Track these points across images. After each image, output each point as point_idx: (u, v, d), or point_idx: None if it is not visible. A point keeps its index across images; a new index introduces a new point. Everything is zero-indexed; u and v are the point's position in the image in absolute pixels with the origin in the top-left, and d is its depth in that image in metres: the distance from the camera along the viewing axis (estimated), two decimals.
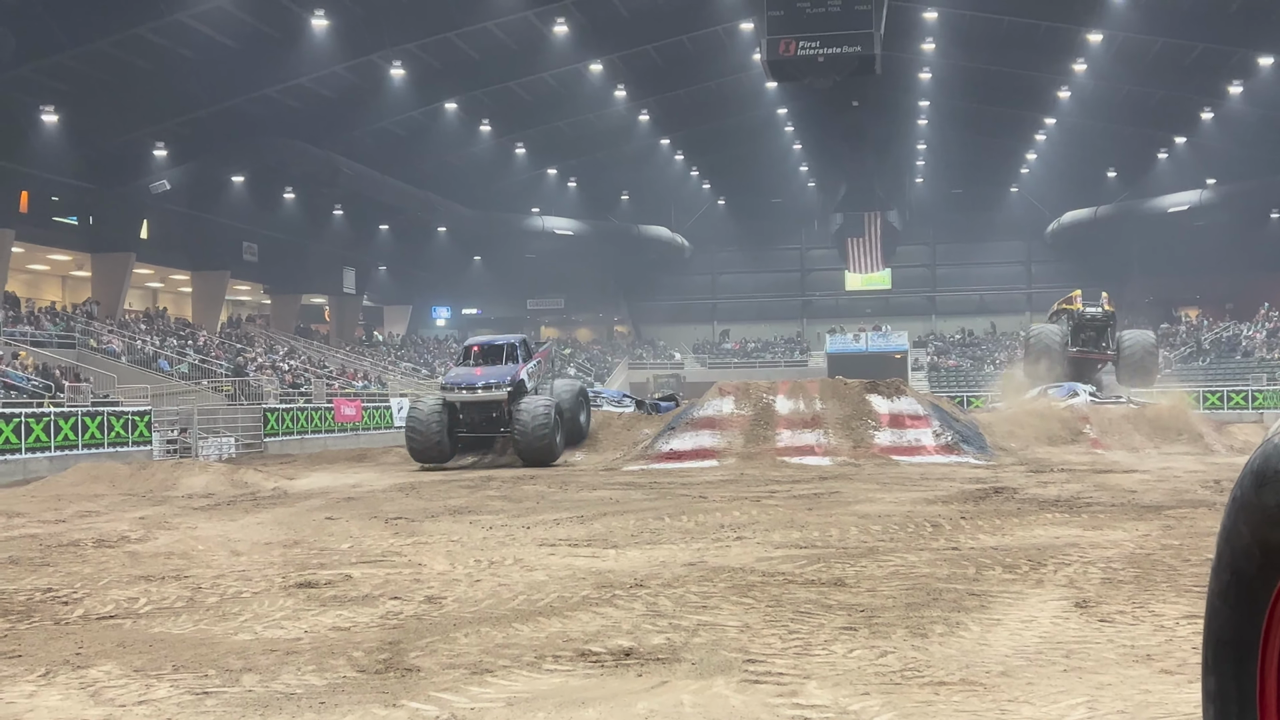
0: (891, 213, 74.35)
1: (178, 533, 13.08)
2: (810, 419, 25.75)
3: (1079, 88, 54.29)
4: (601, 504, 15.48)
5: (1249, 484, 2.03)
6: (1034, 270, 76.72)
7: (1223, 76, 49.04)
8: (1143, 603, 7.44)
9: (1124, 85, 53.34)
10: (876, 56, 38.38)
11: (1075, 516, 12.71)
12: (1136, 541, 10.50)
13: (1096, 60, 49.71)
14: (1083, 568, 8.97)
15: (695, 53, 53.29)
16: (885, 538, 11.15)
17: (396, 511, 15.13)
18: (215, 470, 22.30)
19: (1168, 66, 49.88)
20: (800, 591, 8.16)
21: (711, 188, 76.75)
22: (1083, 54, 49.30)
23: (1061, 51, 50.06)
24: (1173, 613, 7.07)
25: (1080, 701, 5.22)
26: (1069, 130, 61.12)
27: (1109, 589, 8.01)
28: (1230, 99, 50.87)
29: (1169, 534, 11.03)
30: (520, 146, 61.24)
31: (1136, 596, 7.67)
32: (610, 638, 6.79)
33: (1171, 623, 6.79)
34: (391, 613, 7.81)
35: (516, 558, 10.35)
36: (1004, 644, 6.39)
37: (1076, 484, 17.41)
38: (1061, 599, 7.67)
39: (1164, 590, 7.89)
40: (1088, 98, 55.30)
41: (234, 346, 48.58)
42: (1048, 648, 6.27)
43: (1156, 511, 13.13)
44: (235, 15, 38.74)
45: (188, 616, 7.89)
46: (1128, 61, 49.88)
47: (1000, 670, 5.80)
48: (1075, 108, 56.91)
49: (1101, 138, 61.66)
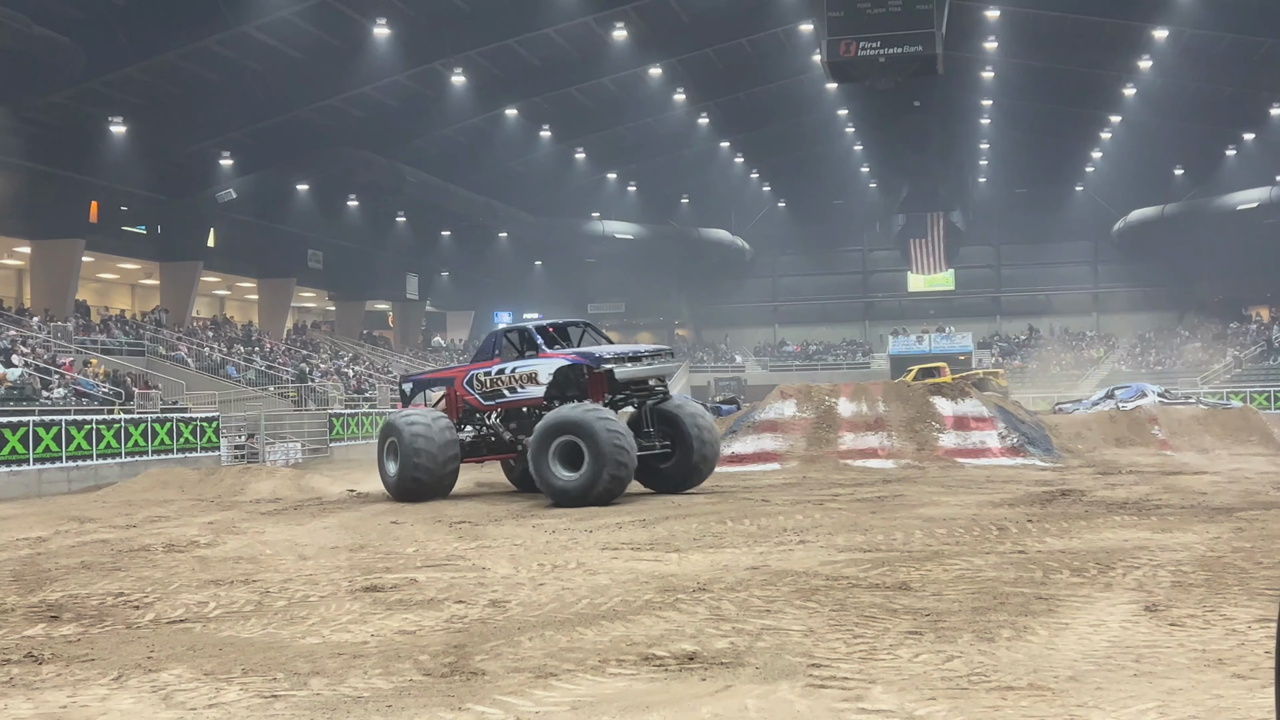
0: (954, 213, 73.72)
1: (246, 537, 13.25)
2: (873, 421, 25.58)
3: (1145, 85, 53.52)
4: (663, 508, 15.48)
5: None
6: (1100, 270, 75.76)
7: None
8: (1214, 606, 7.33)
9: (1191, 82, 52.51)
10: (938, 56, 38.05)
11: (1144, 519, 12.53)
12: (1207, 544, 10.33)
13: (1162, 57, 48.99)
14: (1152, 571, 8.84)
15: (755, 55, 53.17)
16: (950, 541, 11.06)
17: (460, 515, 15.23)
18: (282, 475, 22.58)
19: (1236, 62, 49.06)
20: (864, 595, 8.11)
21: (772, 190, 76.51)
22: (1148, 51, 48.61)
23: (1126, 48, 49.40)
24: (1245, 616, 6.96)
25: (1151, 707, 5.15)
26: (1135, 128, 60.27)
27: (1179, 592, 7.90)
28: None
29: (1240, 536, 10.85)
30: (580, 151, 61.42)
31: (1207, 600, 7.56)
32: (673, 641, 6.79)
33: (1244, 626, 6.68)
34: (456, 616, 7.86)
35: (579, 561, 10.38)
36: (1072, 648, 6.32)
37: (1145, 486, 17.17)
38: (1131, 602, 7.56)
39: (1235, 593, 7.76)
40: (1154, 95, 54.49)
41: (299, 353, 49.12)
42: (1117, 652, 6.19)
43: (1227, 513, 12.91)
44: (299, 26, 39.20)
45: (256, 620, 8.00)
46: (1195, 58, 49.12)
47: (1069, 675, 5.74)
48: (1141, 105, 56.10)
49: (1168, 135, 60.71)
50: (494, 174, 58.20)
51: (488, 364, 19.41)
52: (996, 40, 50.71)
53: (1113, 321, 74.07)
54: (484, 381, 19.22)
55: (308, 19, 38.92)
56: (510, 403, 18.98)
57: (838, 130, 65.96)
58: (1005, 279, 77.60)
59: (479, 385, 19.28)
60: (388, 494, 18.83)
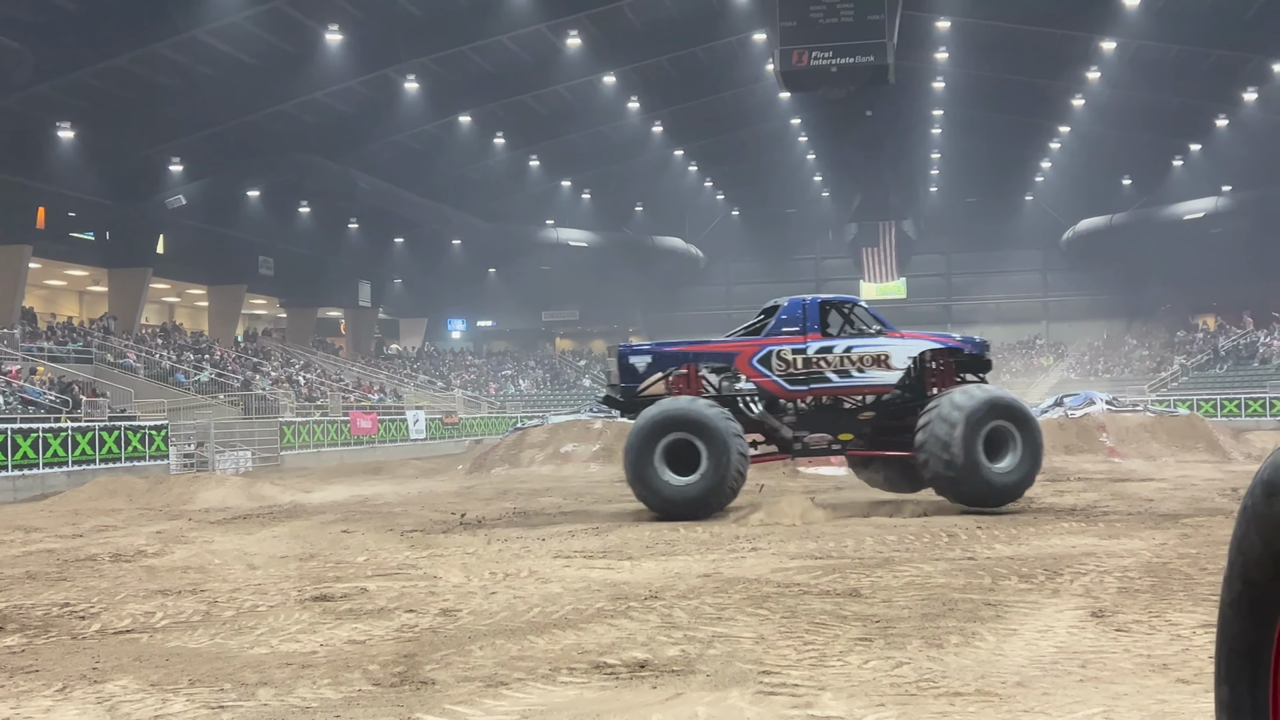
0: (906, 222, 74.29)
1: (194, 547, 13.12)
2: None
3: (1093, 96, 54.18)
4: (617, 516, 15.48)
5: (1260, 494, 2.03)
6: (1049, 279, 76.62)
7: (1237, 83, 48.92)
8: (1159, 612, 7.41)
9: (1139, 93, 53.21)
10: (890, 66, 38.35)
11: (1092, 525, 12.67)
12: (1153, 550, 10.46)
13: (1111, 68, 49.63)
14: (1099, 577, 8.94)
15: (709, 64, 53.36)
16: (901, 548, 11.12)
17: (412, 524, 15.16)
18: (232, 484, 22.36)
19: (1183, 73, 49.79)
20: (815, 602, 8.14)
21: (726, 198, 76.80)
22: (1097, 62, 49.22)
23: (1075, 60, 49.98)
24: (1189, 622, 7.04)
25: (1096, 712, 5.20)
26: (1083, 138, 61.02)
27: (1125, 598, 7.98)
28: (1245, 105, 50.74)
29: (1186, 543, 10.98)
30: (534, 159, 61.40)
31: (1153, 606, 7.65)
32: (625, 649, 6.79)
33: (1188, 632, 6.77)
34: (407, 626, 7.82)
35: (531, 570, 10.36)
36: (1020, 654, 6.37)
37: (1093, 493, 17.35)
38: (1078, 609, 7.64)
39: (1180, 599, 7.86)
40: (1102, 105, 55.19)
41: (250, 360, 48.74)
42: (1064, 658, 6.25)
43: (1173, 520, 13.08)
44: (251, 31, 38.96)
45: (204, 630, 7.92)
46: (1142, 69, 49.80)
47: (1016, 680, 5.78)
48: (1090, 116, 56.82)
49: (1116, 145, 61.53)
50: (448, 180, 58.05)
51: (794, 339, 15.95)
52: (947, 51, 51.20)
53: (1062, 329, 74.90)
54: (792, 361, 15.83)
55: (259, 24, 38.69)
56: (838, 389, 15.91)
57: (791, 139, 66.33)
58: (956, 287, 78.29)
59: (782, 365, 15.83)
60: (651, 512, 15.06)
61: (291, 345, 57.65)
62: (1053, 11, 45.47)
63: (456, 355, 72.51)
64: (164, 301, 57.40)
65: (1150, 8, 42.94)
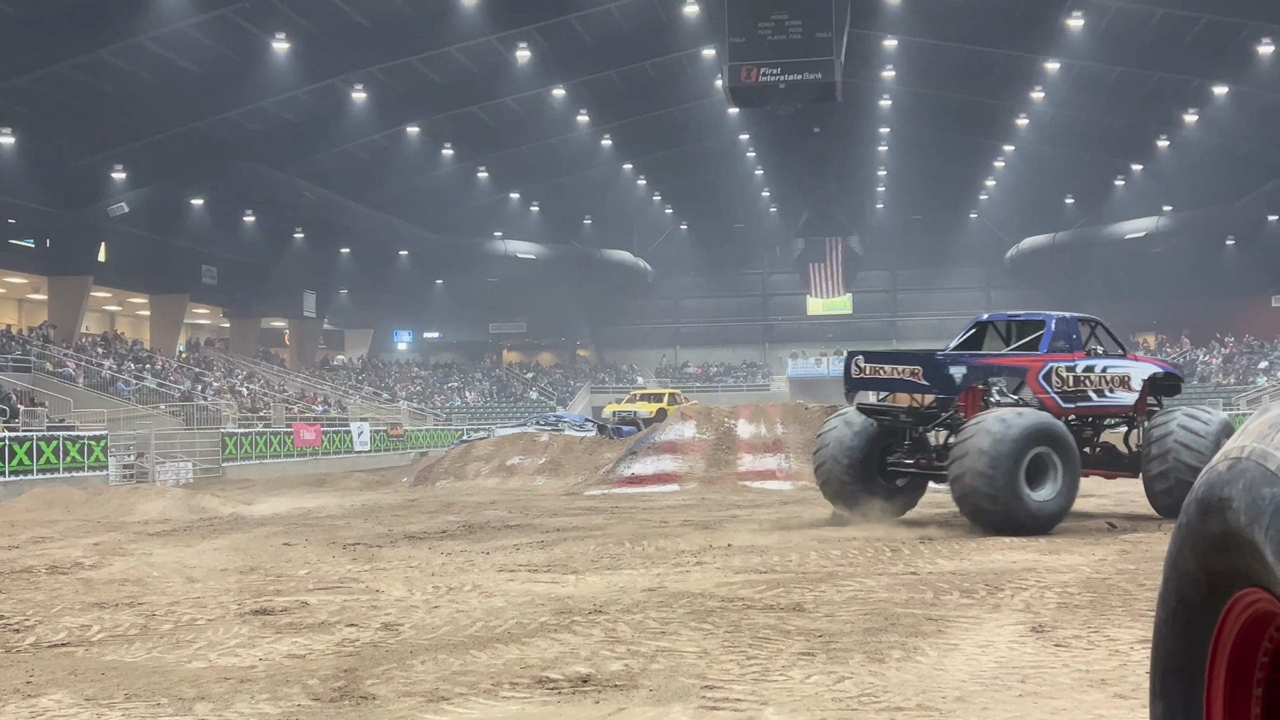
0: (853, 238, 74.86)
1: (132, 559, 12.94)
2: (771, 443, 25.80)
3: (1037, 115, 54.91)
4: (562, 529, 15.43)
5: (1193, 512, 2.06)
6: (993, 296, 77.32)
7: (1178, 105, 49.76)
8: (1098, 627, 7.48)
9: (1082, 113, 54.02)
10: (837, 83, 38.71)
11: (1032, 540, 12.77)
12: (1093, 566, 10.56)
13: (1054, 88, 50.33)
14: (1039, 592, 9.01)
15: (657, 79, 53.54)
16: (845, 562, 11.17)
17: (355, 537, 15.03)
18: (172, 495, 22.10)
19: (1124, 95, 50.61)
20: (759, 617, 8.15)
21: (674, 212, 77.01)
22: (1041, 82, 49.91)
23: (1020, 80, 50.65)
24: (1127, 637, 7.12)
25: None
26: (1027, 157, 61.81)
27: (1065, 613, 8.06)
28: (1186, 127, 51.63)
29: (1125, 558, 11.11)
30: (483, 170, 61.31)
31: (1092, 621, 7.72)
32: (568, 664, 6.76)
33: (1126, 647, 6.83)
34: (348, 640, 7.75)
35: (475, 584, 10.30)
36: (960, 669, 6.41)
37: None
38: (1018, 623, 7.70)
39: (1119, 614, 7.94)
40: (1046, 125, 55.96)
41: (192, 370, 48.22)
42: (1004, 673, 6.29)
43: (1113, 535, 13.23)
44: (197, 39, 38.66)
45: (141, 644, 7.81)
46: (1085, 90, 50.56)
47: (956, 696, 5.82)
48: (1033, 135, 57.58)
49: (1059, 165, 62.37)
50: (395, 191, 57.80)
51: (1066, 356, 15.68)
52: (894, 69, 51.72)
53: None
54: (1065, 378, 15.54)
55: (205, 32, 38.40)
56: (1094, 409, 15.89)
57: (739, 154, 66.67)
58: (901, 303, 78.96)
59: (1059, 382, 15.50)
60: (993, 529, 13.48)
61: (234, 355, 57.11)
62: (998, 32, 46.09)
63: (402, 367, 72.13)
64: (105, 310, 56.68)
65: (1093, 30, 43.60)
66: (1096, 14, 42.90)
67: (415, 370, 72.06)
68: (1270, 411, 1.94)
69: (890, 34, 47.57)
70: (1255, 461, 1.84)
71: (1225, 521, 1.90)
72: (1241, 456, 1.89)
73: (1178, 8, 41.11)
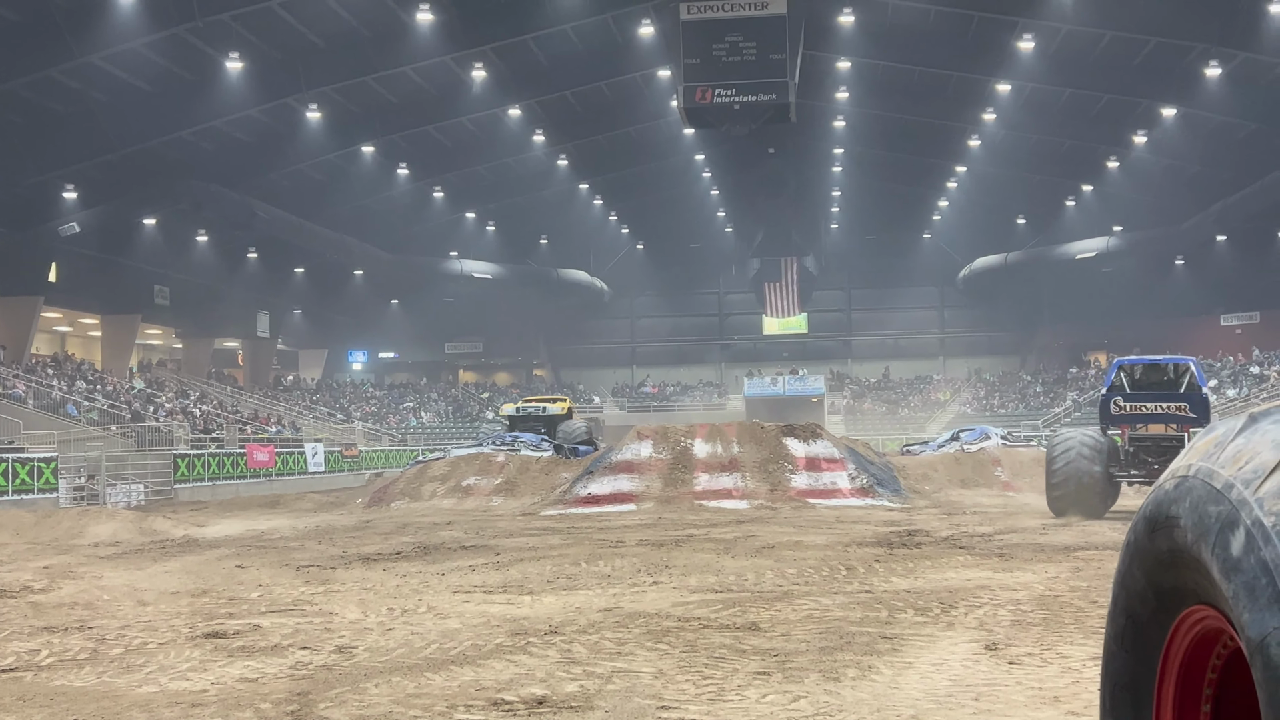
0: (808, 258, 75.27)
1: (83, 582, 12.77)
2: (728, 462, 25.86)
3: (989, 137, 55.46)
4: (518, 550, 15.37)
5: (1142, 529, 2.08)
6: (947, 315, 78.03)
7: (1128, 126, 50.42)
8: (1050, 644, 7.53)
9: (1033, 134, 54.63)
10: (791, 105, 38.99)
11: (986, 559, 12.85)
12: (1045, 583, 10.64)
13: (1006, 110, 50.85)
14: (993, 610, 9.07)
15: (613, 99, 53.66)
16: (800, 581, 11.19)
17: (308, 559, 14.91)
18: (123, 518, 21.84)
19: (1075, 116, 51.22)
20: (715, 636, 8.15)
21: (630, 232, 77.13)
22: (992, 104, 50.42)
23: (972, 101, 51.16)
24: (1080, 654, 7.17)
25: None
26: (980, 178, 62.37)
27: (1018, 631, 8.11)
28: (1135, 148, 52.31)
29: (1077, 575, 11.20)
30: (438, 190, 61.13)
31: (1045, 638, 7.77)
32: (523, 686, 6.73)
33: (1079, 664, 6.88)
34: (301, 663, 7.68)
35: (430, 605, 10.23)
36: (915, 687, 6.43)
37: (988, 526, 17.63)
38: (972, 641, 7.74)
39: (1071, 632, 8.00)
40: (997, 146, 56.51)
41: (145, 391, 47.71)
42: (958, 690, 6.32)
43: (1065, 553, 13.32)
44: (149, 58, 38.38)
45: (91, 669, 7.70)
46: (1036, 111, 51.11)
47: (911, 714, 5.84)
48: (985, 156, 58.12)
49: (1011, 186, 62.99)
50: (350, 211, 57.53)
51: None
52: (848, 91, 52.09)
53: (958, 365, 76.22)
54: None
55: (157, 51, 38.13)
56: None
57: (695, 174, 66.89)
58: (856, 323, 79.37)
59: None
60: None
61: (187, 376, 56.56)
62: (950, 54, 46.57)
63: (357, 387, 71.72)
64: (55, 331, 55.98)
65: (1044, 52, 44.12)
66: (1047, 36, 43.42)
67: (370, 390, 71.67)
68: (1216, 430, 1.96)
69: (844, 56, 47.94)
70: (1201, 480, 1.86)
71: (1173, 539, 1.92)
72: (1188, 475, 1.91)
73: (1127, 30, 41.69)
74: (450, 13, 41.22)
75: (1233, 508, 1.75)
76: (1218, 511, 1.78)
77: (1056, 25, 42.10)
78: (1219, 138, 48.88)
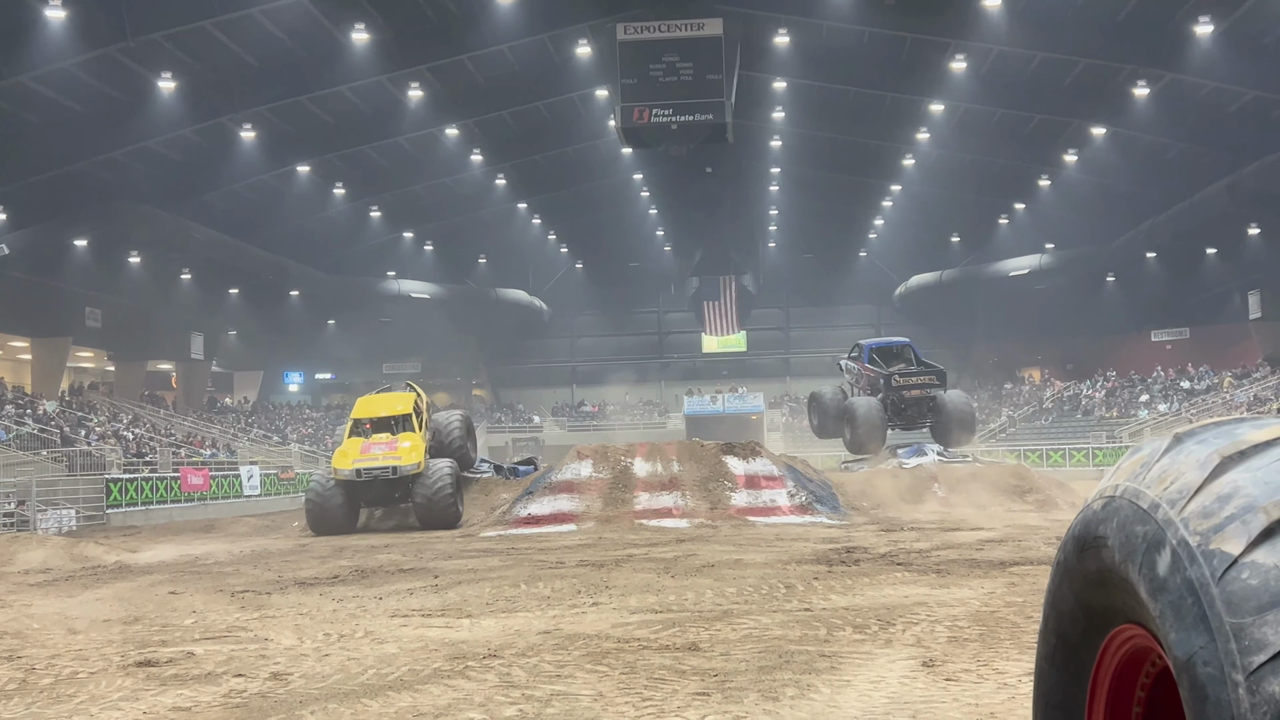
0: (746, 276, 75.63)
1: (11, 611, 12.53)
2: (668, 481, 25.86)
3: (923, 156, 56.10)
4: (457, 572, 15.27)
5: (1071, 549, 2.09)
6: (883, 333, 78.46)
7: (1059, 146, 51.22)
8: (987, 660, 7.59)
9: (966, 154, 55.32)
10: (728, 124, 39.23)
11: (923, 575, 12.93)
12: (982, 599, 10.72)
13: (939, 130, 51.48)
14: (930, 626, 9.12)
15: (551, 119, 53.70)
16: (740, 600, 11.20)
17: (244, 584, 14.72)
18: (54, 544, 21.46)
19: (1007, 136, 51.94)
20: (655, 657, 8.13)
21: (569, 251, 77.13)
22: (926, 124, 51.02)
23: (906, 121, 51.73)
24: (1016, 670, 7.22)
25: None
26: (914, 197, 63.04)
27: (955, 647, 8.15)
28: (1066, 167, 53.13)
29: (1013, 591, 11.29)
30: (375, 210, 60.81)
31: (981, 655, 7.82)
32: (461, 711, 6.68)
33: (1014, 680, 6.94)
34: (235, 691, 7.57)
35: (367, 630, 10.14)
36: (853, 705, 6.45)
37: (925, 542, 17.74)
38: (909, 658, 7.78)
39: (1007, 648, 8.06)
40: (932, 166, 57.17)
41: (75, 415, 46.94)
42: (895, 708, 6.35)
43: (1001, 568, 13.43)
44: (80, 78, 37.91)
45: (19, 700, 7.55)
46: (969, 131, 51.78)
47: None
48: (920, 175, 58.77)
49: (945, 204, 63.71)
50: (286, 231, 57.05)
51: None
52: (784, 111, 52.49)
53: None
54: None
55: (89, 71, 37.68)
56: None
57: (633, 194, 67.08)
58: (794, 340, 79.78)
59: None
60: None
61: (119, 399, 55.72)
62: (884, 75, 47.09)
63: (293, 409, 70.97)
64: None
65: (976, 72, 44.73)
66: (978, 58, 44.01)
67: (307, 412, 70.94)
68: (1142, 450, 1.98)
69: (779, 76, 48.31)
70: (1128, 500, 1.88)
71: (1101, 559, 1.93)
72: (1115, 495, 1.93)
73: (1056, 51, 42.35)
74: (386, 33, 41.09)
75: (1159, 528, 1.77)
76: (1144, 531, 1.80)
77: (988, 46, 42.68)
78: (1148, 157, 49.74)
